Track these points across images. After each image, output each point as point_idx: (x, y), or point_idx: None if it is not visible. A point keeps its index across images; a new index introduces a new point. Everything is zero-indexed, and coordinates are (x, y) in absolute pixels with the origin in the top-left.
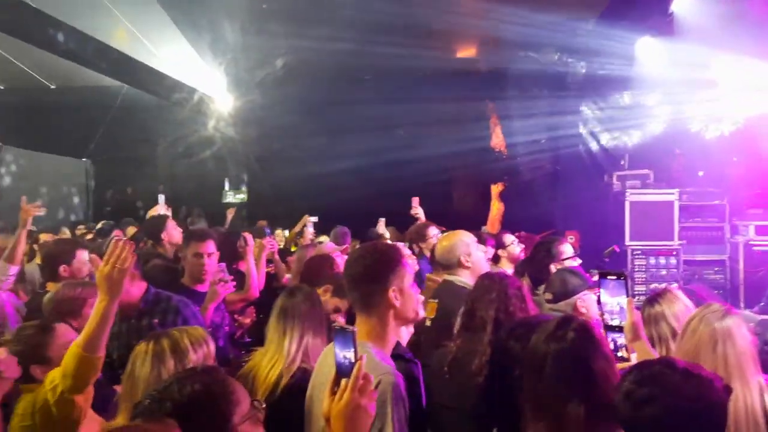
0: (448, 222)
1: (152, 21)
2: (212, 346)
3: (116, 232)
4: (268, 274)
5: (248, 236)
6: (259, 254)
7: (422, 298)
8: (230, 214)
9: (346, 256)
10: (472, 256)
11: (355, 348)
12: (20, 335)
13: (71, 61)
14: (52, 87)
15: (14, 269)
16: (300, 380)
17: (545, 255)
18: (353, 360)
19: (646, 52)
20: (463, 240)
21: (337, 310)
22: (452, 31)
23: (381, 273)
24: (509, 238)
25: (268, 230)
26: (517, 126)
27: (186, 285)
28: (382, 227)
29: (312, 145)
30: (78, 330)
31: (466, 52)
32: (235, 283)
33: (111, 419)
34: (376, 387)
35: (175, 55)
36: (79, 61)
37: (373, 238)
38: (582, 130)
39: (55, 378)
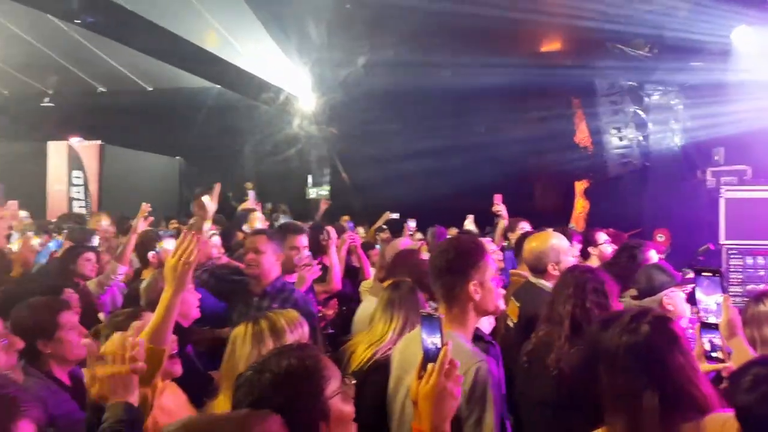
0: (530, 220)
1: (241, 22)
2: (306, 328)
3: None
4: (352, 267)
5: (331, 230)
6: (339, 249)
7: (503, 292)
8: (324, 205)
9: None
10: (561, 264)
11: (441, 334)
12: (112, 321)
13: (165, 62)
14: (149, 89)
15: (123, 269)
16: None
17: (629, 259)
18: (440, 345)
19: (743, 41)
20: (554, 247)
21: None
22: (536, 24)
23: (462, 267)
24: (602, 237)
25: (351, 225)
26: (603, 121)
27: None
28: (470, 224)
29: (393, 142)
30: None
31: (551, 46)
32: (320, 266)
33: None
34: (475, 375)
35: (263, 56)
36: (172, 62)
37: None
38: (673, 123)
39: None
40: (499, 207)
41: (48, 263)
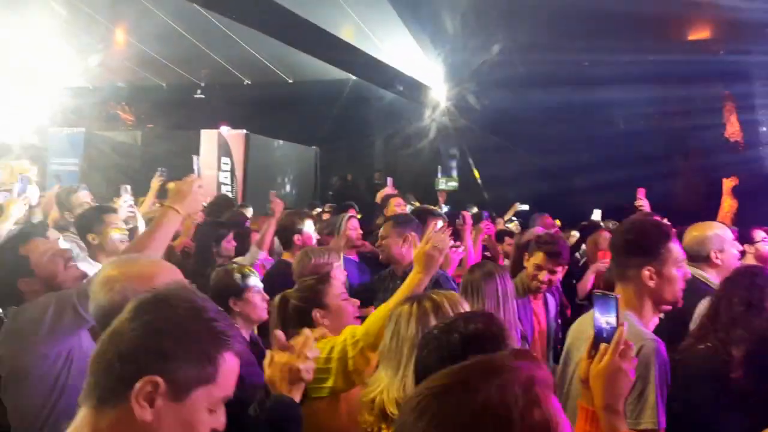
0: (670, 219)
1: (377, 13)
2: (467, 307)
3: (351, 211)
4: (486, 256)
5: (466, 214)
6: (475, 238)
7: None
8: (441, 198)
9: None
10: (724, 252)
11: (617, 314)
12: (303, 285)
13: (305, 52)
14: (290, 81)
15: (263, 255)
16: None
17: None
18: (615, 325)
19: None
20: (718, 234)
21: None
22: (684, 9)
23: (639, 249)
24: (760, 234)
25: (486, 213)
26: (759, 113)
27: None
28: (597, 217)
29: (525, 133)
30: None
31: (700, 34)
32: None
33: None
34: (639, 352)
35: (398, 48)
36: (312, 52)
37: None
38: None
39: (356, 334)
40: (642, 202)
41: None
